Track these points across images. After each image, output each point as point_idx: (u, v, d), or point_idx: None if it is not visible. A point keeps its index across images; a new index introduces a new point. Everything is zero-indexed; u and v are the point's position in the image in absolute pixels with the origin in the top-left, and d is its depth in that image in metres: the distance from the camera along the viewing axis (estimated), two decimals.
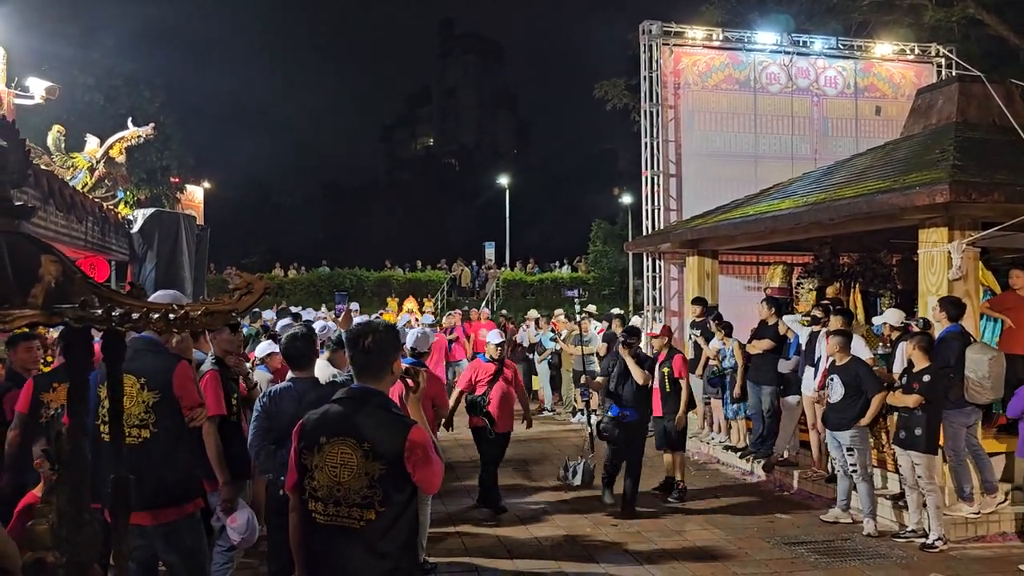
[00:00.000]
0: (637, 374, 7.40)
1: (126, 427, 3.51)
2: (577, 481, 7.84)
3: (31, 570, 2.02)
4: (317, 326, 7.37)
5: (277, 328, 7.56)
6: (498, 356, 7.64)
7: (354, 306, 15.86)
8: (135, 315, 1.48)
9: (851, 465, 7.03)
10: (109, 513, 1.81)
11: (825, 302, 9.34)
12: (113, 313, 1.44)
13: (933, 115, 9.70)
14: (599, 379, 7.92)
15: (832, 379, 7.17)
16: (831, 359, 7.35)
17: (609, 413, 7.59)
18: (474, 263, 33.90)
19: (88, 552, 1.63)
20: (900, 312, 8.05)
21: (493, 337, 7.88)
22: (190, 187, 24.71)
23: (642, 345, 8.72)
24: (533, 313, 16.65)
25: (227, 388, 5.01)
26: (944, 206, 6.82)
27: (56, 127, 8.02)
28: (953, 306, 6.90)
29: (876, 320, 8.51)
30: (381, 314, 17.25)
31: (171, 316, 1.53)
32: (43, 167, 6.14)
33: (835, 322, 7.73)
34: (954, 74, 13.02)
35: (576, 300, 12.40)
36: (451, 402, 7.34)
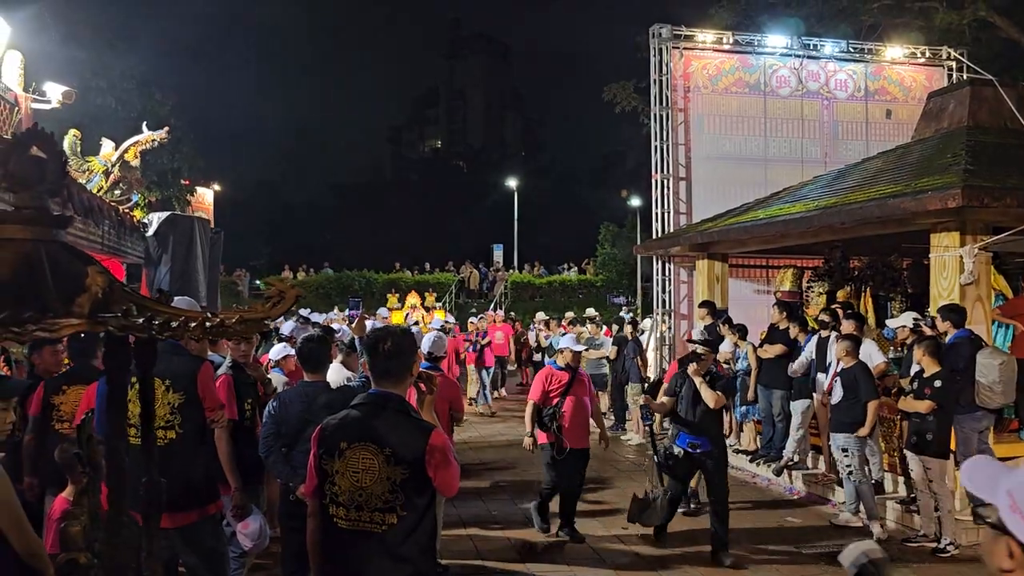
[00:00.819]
0: (710, 398, 6.30)
1: None
2: (657, 521, 6.70)
3: (64, 570, 2.07)
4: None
5: (283, 330, 7.61)
6: (574, 364, 6.86)
7: (382, 312, 15.77)
8: (174, 323, 1.52)
9: (847, 467, 7.07)
10: (141, 516, 1.86)
11: (835, 306, 9.35)
12: (154, 322, 1.49)
13: (944, 119, 9.70)
14: (663, 399, 6.73)
15: (836, 381, 7.23)
16: (840, 363, 7.38)
17: (676, 444, 6.54)
18: (481, 265, 33.97)
19: (127, 554, 1.68)
20: (915, 314, 8.06)
21: (568, 342, 6.96)
22: (200, 189, 24.82)
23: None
24: (541, 315, 16.73)
25: (241, 393, 5.04)
26: (956, 211, 6.83)
27: (72, 131, 8.10)
28: (954, 312, 6.93)
29: (891, 323, 8.51)
30: (390, 312, 17.27)
31: (208, 324, 1.58)
32: None
33: (847, 326, 7.75)
34: (965, 77, 13.01)
35: (624, 307, 11.98)
36: (526, 416, 6.81)
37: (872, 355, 7.66)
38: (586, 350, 7.77)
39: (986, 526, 1.52)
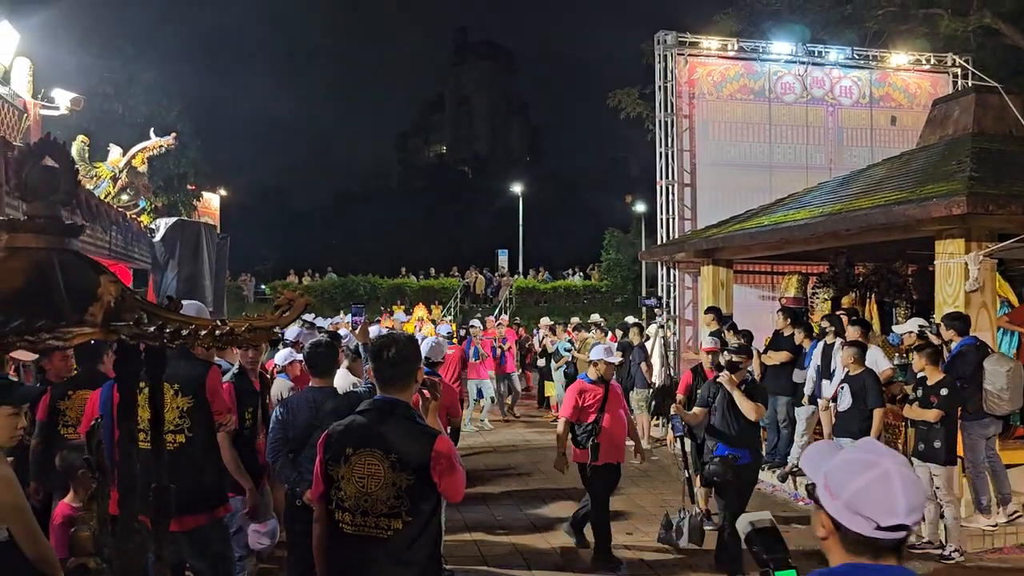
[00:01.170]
0: (748, 409, 5.97)
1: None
2: (683, 542, 6.28)
3: (74, 575, 2.09)
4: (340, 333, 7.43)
5: (288, 335, 7.64)
6: (608, 376, 6.47)
7: (400, 317, 15.69)
8: (184, 331, 1.55)
9: None
10: (151, 521, 1.88)
11: (840, 312, 9.34)
12: (165, 330, 1.51)
13: (949, 125, 9.70)
14: (696, 410, 6.41)
15: (843, 387, 7.21)
16: (845, 369, 7.37)
17: (715, 453, 6.20)
18: (485, 270, 34.00)
19: (137, 559, 1.70)
20: (922, 320, 8.05)
21: (600, 353, 6.46)
22: (207, 194, 24.94)
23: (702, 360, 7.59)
24: (546, 320, 16.72)
25: (242, 402, 5.02)
26: (961, 218, 6.83)
27: (81, 137, 8.17)
28: (957, 320, 6.92)
29: (898, 329, 8.50)
30: (383, 319, 17.20)
31: (217, 332, 1.60)
32: None
33: (852, 333, 7.75)
34: (970, 84, 13.02)
35: (656, 311, 11.64)
36: (558, 433, 6.43)
37: (878, 361, 7.65)
38: (619, 362, 7.39)
39: (813, 502, 1.76)
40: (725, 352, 6.69)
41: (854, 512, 1.64)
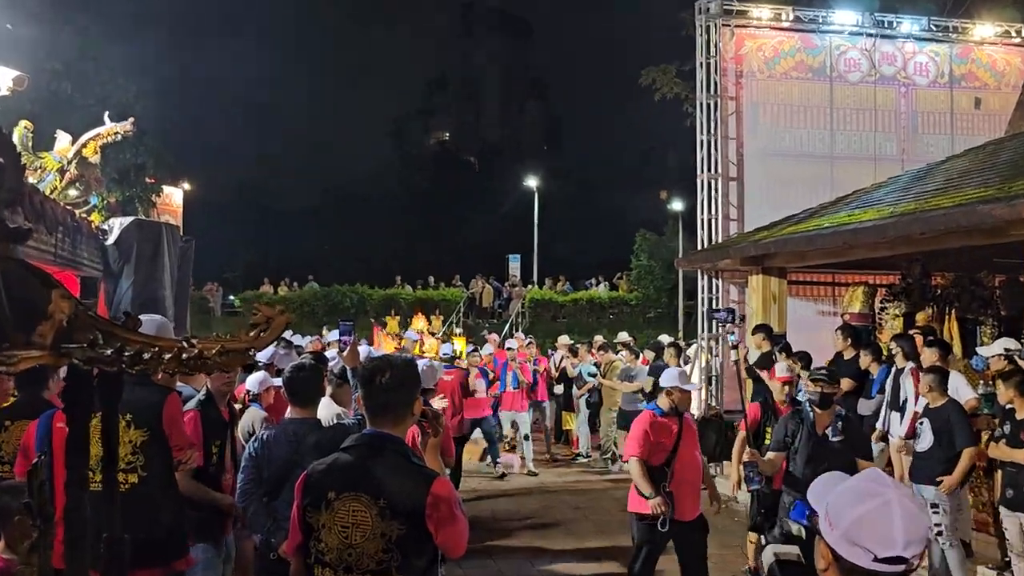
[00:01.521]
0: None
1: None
2: None
3: None
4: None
5: (261, 357, 7.70)
6: (683, 406, 6.18)
7: (411, 335, 15.65)
8: (147, 355, 1.57)
9: (935, 525, 6.94)
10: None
11: (914, 331, 9.29)
12: (124, 354, 1.53)
13: None
14: (771, 455, 6.17)
15: (922, 423, 7.13)
16: (924, 401, 7.30)
17: (791, 517, 5.72)
18: (494, 279, 34.00)
19: None
20: (1011, 341, 7.98)
21: (674, 379, 6.18)
22: (167, 188, 25.06)
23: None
24: (564, 339, 16.71)
25: (208, 433, 4.93)
26: None
27: (23, 122, 8.22)
28: None
29: (983, 351, 8.41)
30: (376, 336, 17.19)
31: (184, 356, 1.62)
32: None
33: (929, 356, 7.69)
34: None
35: (726, 325, 11.39)
36: (636, 476, 5.96)
37: (960, 389, 7.57)
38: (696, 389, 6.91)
39: (817, 533, 1.95)
40: (809, 381, 6.40)
41: (852, 543, 1.82)
